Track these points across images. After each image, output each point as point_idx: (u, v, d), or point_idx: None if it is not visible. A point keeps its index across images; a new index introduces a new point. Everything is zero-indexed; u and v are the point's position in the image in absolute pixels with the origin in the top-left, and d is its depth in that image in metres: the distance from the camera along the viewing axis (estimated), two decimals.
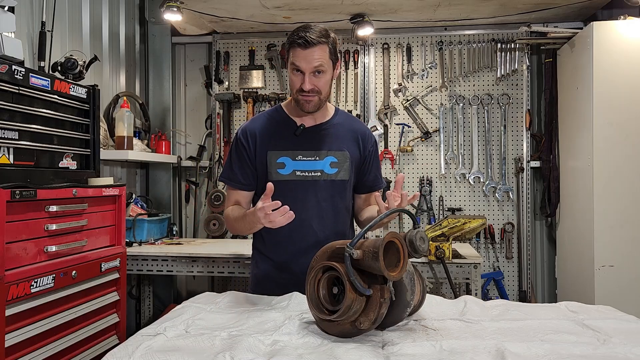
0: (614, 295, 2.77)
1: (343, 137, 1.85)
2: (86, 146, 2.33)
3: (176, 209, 3.86)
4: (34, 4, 2.52)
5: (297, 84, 1.70)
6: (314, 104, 1.74)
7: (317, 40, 1.66)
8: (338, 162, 1.81)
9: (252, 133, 1.81)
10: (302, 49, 1.65)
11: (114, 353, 1.14)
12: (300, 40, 1.65)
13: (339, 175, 1.82)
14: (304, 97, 1.71)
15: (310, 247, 1.68)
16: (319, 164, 1.79)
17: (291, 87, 1.75)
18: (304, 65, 1.67)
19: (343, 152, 1.83)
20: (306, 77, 1.68)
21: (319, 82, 1.71)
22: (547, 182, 3.50)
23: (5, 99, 1.87)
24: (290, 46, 1.69)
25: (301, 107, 1.74)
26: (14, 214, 1.75)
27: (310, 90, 1.69)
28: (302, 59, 1.66)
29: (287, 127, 1.81)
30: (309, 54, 1.66)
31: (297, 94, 1.72)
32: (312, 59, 1.66)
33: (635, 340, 1.21)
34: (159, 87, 3.83)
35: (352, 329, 1.22)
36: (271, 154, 1.77)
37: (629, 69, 2.82)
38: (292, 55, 1.69)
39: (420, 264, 2.68)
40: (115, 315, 2.32)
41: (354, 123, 1.94)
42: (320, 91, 1.72)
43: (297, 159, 1.78)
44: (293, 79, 1.72)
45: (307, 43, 1.65)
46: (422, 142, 3.68)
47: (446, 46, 3.67)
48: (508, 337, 1.24)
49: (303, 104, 1.73)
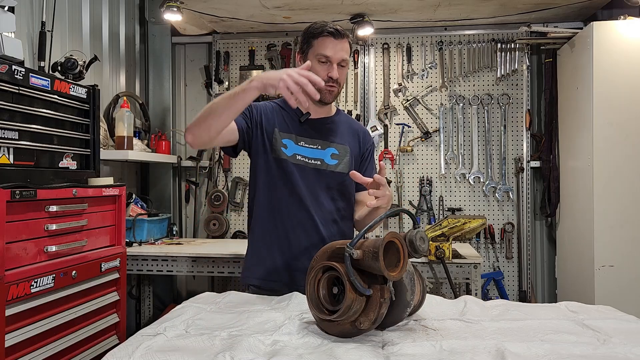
0: (614, 295, 2.77)
1: (344, 133, 1.90)
2: (86, 146, 2.33)
3: (176, 209, 3.86)
4: (34, 4, 2.52)
5: (323, 74, 1.73)
6: (334, 95, 1.79)
7: (345, 34, 1.75)
8: (339, 154, 1.85)
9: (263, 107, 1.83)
10: (334, 38, 1.72)
11: (114, 353, 1.14)
12: (332, 30, 1.72)
13: (338, 167, 1.84)
14: (328, 87, 1.74)
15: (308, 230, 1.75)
16: (320, 153, 1.82)
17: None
18: (334, 54, 1.72)
19: (344, 146, 1.87)
20: (334, 66, 1.73)
21: (342, 74, 1.77)
22: (547, 182, 3.50)
23: (5, 99, 1.87)
24: (318, 36, 1.74)
25: (323, 97, 1.74)
26: (14, 214, 1.75)
27: (336, 80, 1.74)
28: (332, 48, 1.72)
29: (294, 114, 1.85)
30: (338, 44, 1.72)
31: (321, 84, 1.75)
32: (341, 50, 1.73)
33: (635, 340, 1.21)
34: (159, 87, 3.83)
35: (352, 329, 1.22)
36: (277, 132, 1.80)
37: (629, 69, 2.82)
38: (319, 45, 1.73)
39: (420, 264, 2.68)
40: (115, 315, 2.32)
41: (354, 123, 2.01)
42: (340, 83, 1.78)
43: (300, 144, 1.81)
44: (318, 69, 1.73)
45: (338, 33, 1.72)
46: (422, 142, 3.68)
47: (446, 46, 3.67)
48: (508, 337, 1.24)
49: (326, 94, 1.75)
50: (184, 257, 2.90)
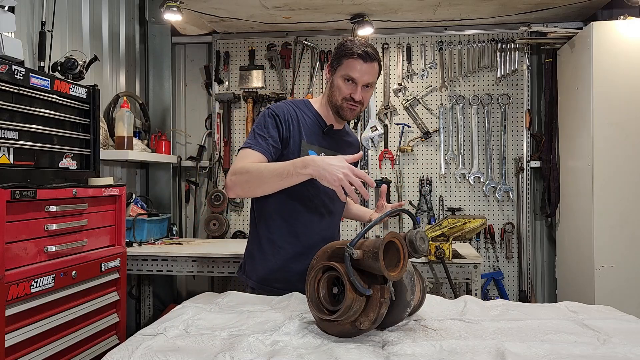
0: (614, 295, 2.77)
1: (350, 146, 1.98)
2: (86, 146, 2.33)
3: (176, 209, 3.86)
4: (34, 4, 2.52)
5: (347, 93, 1.76)
6: (356, 114, 1.83)
7: (375, 57, 1.76)
8: None
9: (290, 115, 1.81)
10: (364, 61, 1.73)
11: (114, 353, 1.14)
12: (362, 53, 1.72)
13: None
14: (350, 105, 1.78)
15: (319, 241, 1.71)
16: None
17: (337, 93, 1.79)
18: (361, 77, 1.74)
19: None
20: (359, 88, 1.76)
21: (366, 95, 1.80)
22: (547, 182, 3.50)
23: (5, 99, 1.87)
24: (348, 56, 1.74)
25: (343, 114, 1.80)
26: (14, 214, 1.75)
27: (358, 102, 1.77)
28: (359, 71, 1.73)
29: (317, 123, 1.87)
30: (367, 68, 1.74)
31: (343, 102, 1.78)
32: (368, 73, 1.75)
33: (635, 340, 1.21)
34: (159, 87, 3.83)
35: (352, 329, 1.22)
36: (304, 144, 1.81)
37: (629, 69, 2.82)
38: (347, 65, 1.75)
39: (420, 264, 2.68)
40: (115, 315, 2.32)
41: (352, 135, 2.08)
42: (363, 103, 1.81)
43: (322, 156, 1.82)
44: (342, 87, 1.76)
45: (368, 57, 1.73)
46: (422, 142, 3.68)
47: (446, 46, 3.67)
48: (508, 337, 1.24)
49: (346, 111, 1.79)
50: (184, 257, 2.89)
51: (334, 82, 1.79)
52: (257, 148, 1.71)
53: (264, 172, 1.62)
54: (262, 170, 1.63)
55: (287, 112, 1.80)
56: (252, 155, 1.71)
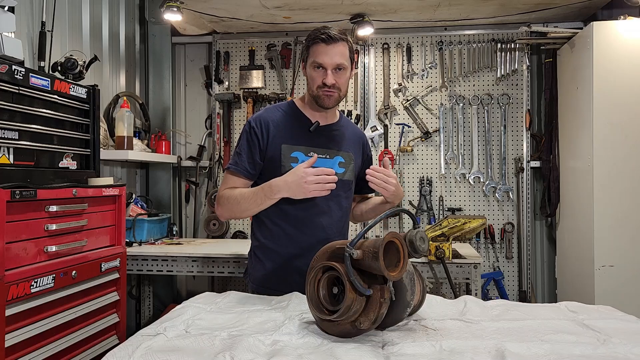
0: (614, 295, 2.77)
1: (349, 140, 1.92)
2: (86, 146, 2.33)
3: (176, 209, 3.86)
4: (34, 4, 2.52)
5: (319, 80, 1.74)
6: (334, 99, 1.78)
7: (339, 37, 1.73)
8: (345, 162, 1.87)
9: (266, 123, 1.81)
10: (325, 44, 1.71)
11: (114, 353, 1.14)
12: (324, 36, 1.71)
13: (345, 175, 1.87)
14: (325, 92, 1.75)
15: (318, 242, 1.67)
16: (329, 163, 1.83)
17: (311, 84, 1.78)
18: (327, 60, 1.72)
19: (349, 154, 1.90)
20: (328, 72, 1.73)
21: (340, 78, 1.76)
22: (547, 182, 3.50)
23: (5, 99, 1.87)
24: (312, 43, 1.74)
25: (321, 102, 1.77)
26: (14, 214, 1.75)
27: (332, 86, 1.74)
28: (324, 54, 1.71)
29: (301, 122, 1.84)
30: (331, 50, 1.71)
31: (318, 90, 1.76)
32: (334, 55, 1.72)
33: (635, 340, 1.21)
34: (159, 87, 3.83)
35: (352, 329, 1.22)
36: (285, 147, 1.79)
37: (629, 69, 2.82)
38: (313, 52, 1.74)
39: (420, 264, 2.68)
40: (115, 315, 2.32)
41: (355, 128, 2.03)
42: (340, 88, 1.77)
43: (310, 155, 1.80)
44: (314, 76, 1.75)
45: (330, 39, 1.71)
46: (422, 142, 3.68)
47: (446, 46, 3.67)
48: (508, 337, 1.24)
49: (324, 99, 1.76)
50: (184, 257, 2.90)
51: (307, 73, 1.79)
52: (235, 168, 1.79)
53: (241, 202, 1.72)
54: (239, 200, 1.72)
55: (262, 121, 1.80)
56: (231, 180, 1.79)
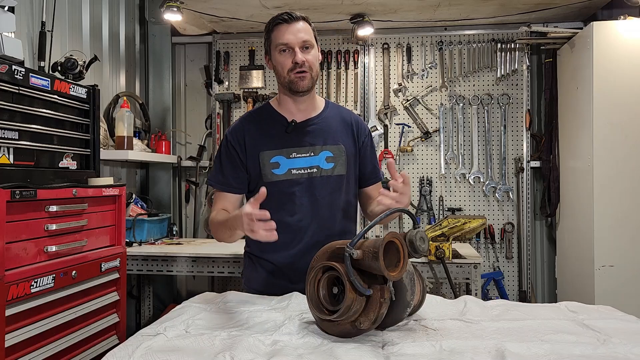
0: (614, 295, 2.77)
1: (337, 130, 1.79)
2: (86, 146, 2.33)
3: (176, 209, 3.86)
4: (34, 4, 2.52)
5: (288, 62, 1.67)
6: (308, 80, 1.69)
7: (299, 16, 1.69)
8: (334, 156, 1.75)
9: (241, 134, 1.75)
10: (287, 23, 1.67)
11: (114, 353, 1.14)
12: (285, 16, 1.67)
13: (335, 170, 1.75)
14: (297, 74, 1.67)
15: (309, 248, 1.65)
16: (315, 160, 1.73)
17: (280, 70, 1.70)
18: (292, 38, 1.66)
19: (338, 146, 1.77)
20: (297, 49, 1.66)
21: (309, 56, 1.68)
22: (547, 182, 3.50)
23: (5, 99, 1.87)
24: (273, 28, 1.69)
25: (295, 86, 1.69)
26: (14, 214, 1.75)
27: (303, 64, 1.66)
28: (289, 33, 1.66)
29: (278, 124, 1.75)
30: (294, 27, 1.67)
31: (289, 74, 1.68)
32: (298, 31, 1.67)
33: (635, 340, 1.21)
34: (159, 87, 3.83)
35: (352, 329, 1.22)
36: (264, 155, 1.72)
37: (629, 69, 2.82)
38: (276, 35, 1.68)
39: (420, 264, 2.68)
40: (115, 315, 2.32)
41: (344, 113, 1.87)
42: (312, 67, 1.70)
43: (292, 157, 1.71)
44: (282, 60, 1.68)
45: (291, 17, 1.67)
46: (422, 142, 3.68)
47: (446, 46, 3.67)
48: (508, 337, 1.24)
49: (297, 81, 1.68)
50: (184, 257, 2.90)
51: (274, 62, 1.71)
52: (221, 187, 1.77)
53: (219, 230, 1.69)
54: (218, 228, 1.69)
55: (237, 133, 1.76)
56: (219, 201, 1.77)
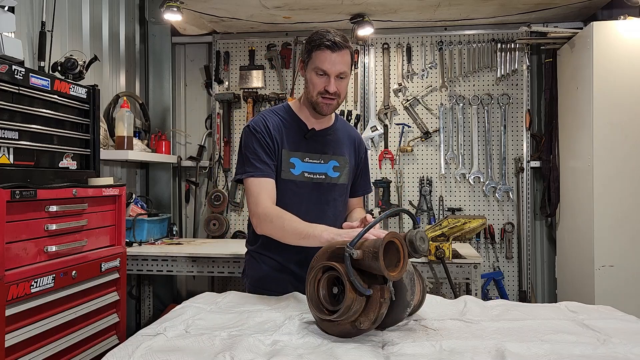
0: (614, 295, 2.77)
1: (343, 143, 1.90)
2: (86, 146, 2.33)
3: (176, 209, 3.86)
4: (34, 4, 2.52)
5: (321, 86, 1.71)
6: (333, 107, 1.77)
7: (343, 45, 1.69)
8: (340, 166, 1.86)
9: (267, 127, 1.78)
10: (331, 51, 1.67)
11: (114, 353, 1.14)
12: (329, 43, 1.67)
13: (340, 179, 1.86)
14: (325, 99, 1.72)
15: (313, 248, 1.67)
16: (324, 167, 1.83)
17: (311, 89, 1.74)
18: (331, 68, 1.68)
19: (344, 157, 1.88)
20: (332, 79, 1.70)
21: (341, 86, 1.74)
22: (547, 182, 3.50)
23: (5, 99, 1.87)
24: (316, 49, 1.70)
25: (320, 109, 1.75)
26: (14, 214, 1.75)
27: (334, 94, 1.71)
28: (329, 62, 1.68)
29: (298, 128, 1.82)
30: (336, 57, 1.68)
31: (318, 97, 1.73)
32: (339, 63, 1.69)
33: (635, 340, 1.21)
34: (159, 87, 3.83)
35: (352, 329, 1.22)
36: (284, 152, 1.78)
37: (629, 69, 2.82)
38: (317, 58, 1.70)
39: (420, 264, 2.68)
40: (115, 315, 2.32)
41: (350, 129, 1.99)
42: (340, 95, 1.75)
43: (305, 161, 1.80)
44: (316, 81, 1.72)
45: (335, 46, 1.67)
46: (422, 142, 3.68)
47: (446, 46, 3.67)
48: (508, 337, 1.24)
49: (322, 106, 1.74)
50: (184, 257, 2.90)
51: (307, 77, 1.76)
52: (260, 174, 1.71)
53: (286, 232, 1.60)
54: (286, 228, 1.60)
55: (265, 124, 1.78)
56: (262, 189, 1.69)
